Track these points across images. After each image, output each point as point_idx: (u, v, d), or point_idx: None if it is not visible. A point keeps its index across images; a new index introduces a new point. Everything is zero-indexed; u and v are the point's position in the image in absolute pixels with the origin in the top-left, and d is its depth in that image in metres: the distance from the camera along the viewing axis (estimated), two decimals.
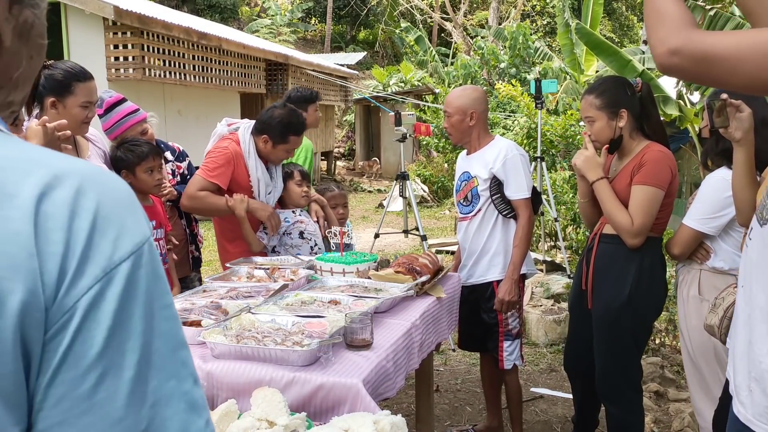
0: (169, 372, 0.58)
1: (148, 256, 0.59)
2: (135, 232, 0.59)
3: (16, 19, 0.64)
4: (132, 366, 0.55)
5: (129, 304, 0.56)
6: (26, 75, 0.68)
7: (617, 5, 26.09)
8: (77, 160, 0.61)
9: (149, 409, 0.56)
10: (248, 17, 24.65)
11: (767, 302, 1.30)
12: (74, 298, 0.54)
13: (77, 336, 0.53)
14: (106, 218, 0.57)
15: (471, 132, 3.18)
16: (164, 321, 0.59)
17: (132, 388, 0.55)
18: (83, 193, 0.56)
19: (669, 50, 1.19)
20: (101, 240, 0.56)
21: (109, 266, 0.55)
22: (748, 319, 1.36)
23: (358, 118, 18.32)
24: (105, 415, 0.54)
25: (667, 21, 1.21)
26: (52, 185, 0.55)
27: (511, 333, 3.20)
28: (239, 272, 2.79)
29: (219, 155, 3.09)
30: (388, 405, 3.20)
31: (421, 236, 5.01)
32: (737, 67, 1.14)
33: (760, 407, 1.32)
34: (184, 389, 0.59)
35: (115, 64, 9.07)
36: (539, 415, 3.74)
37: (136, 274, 0.57)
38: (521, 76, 16.61)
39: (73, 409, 0.53)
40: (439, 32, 26.51)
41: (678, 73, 1.23)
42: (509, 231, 3.16)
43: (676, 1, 1.23)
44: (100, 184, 0.58)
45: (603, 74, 8.58)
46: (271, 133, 3.12)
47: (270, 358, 1.83)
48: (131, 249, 0.57)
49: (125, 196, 0.60)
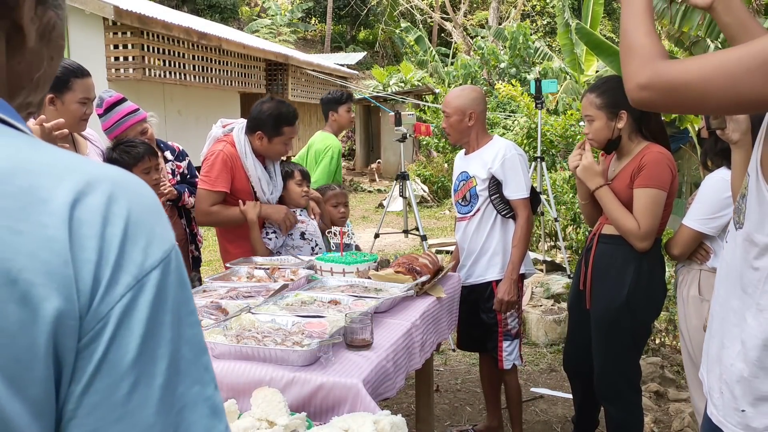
0: (194, 378, 0.58)
1: (176, 263, 0.59)
2: (163, 240, 0.59)
3: (40, 19, 0.64)
4: (162, 373, 0.56)
5: (159, 312, 0.56)
6: (46, 76, 0.68)
7: (617, 5, 26.07)
8: (107, 165, 0.61)
9: (176, 415, 0.56)
10: (248, 17, 24.65)
11: (740, 305, 1.32)
12: (108, 305, 0.54)
13: (112, 344, 0.54)
14: (136, 225, 0.57)
15: (470, 132, 3.18)
16: (189, 327, 0.59)
17: (162, 395, 0.55)
18: (115, 199, 0.56)
19: (638, 85, 1.22)
20: (133, 248, 0.56)
21: (140, 274, 0.55)
22: (722, 322, 1.38)
23: (358, 118, 18.31)
24: (137, 421, 0.54)
25: (636, 55, 1.24)
26: (84, 191, 0.55)
27: (510, 333, 3.20)
28: (239, 272, 2.79)
29: (214, 160, 3.08)
30: (388, 405, 3.20)
31: (421, 236, 5.01)
32: (705, 91, 1.16)
33: (730, 409, 1.34)
34: (207, 394, 0.60)
35: (115, 64, 9.07)
36: (539, 415, 3.74)
37: (166, 281, 0.57)
38: (521, 76, 16.61)
39: (107, 417, 0.53)
40: (439, 32, 26.52)
41: (650, 106, 1.26)
42: (508, 231, 3.16)
43: (647, 33, 1.25)
44: (130, 190, 0.58)
45: (603, 74, 8.58)
46: (264, 128, 3.10)
47: (270, 358, 1.83)
48: (161, 256, 0.58)
49: (153, 203, 0.60)
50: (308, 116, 15.70)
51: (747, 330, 1.30)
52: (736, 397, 1.32)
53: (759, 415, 1.29)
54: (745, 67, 1.13)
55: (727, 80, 1.14)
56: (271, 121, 3.10)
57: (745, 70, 1.13)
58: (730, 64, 1.14)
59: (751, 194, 1.29)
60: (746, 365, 1.30)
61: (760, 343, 1.27)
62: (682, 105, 1.22)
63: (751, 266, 1.28)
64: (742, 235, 1.32)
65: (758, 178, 1.26)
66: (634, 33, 1.27)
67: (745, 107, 1.17)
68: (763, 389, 1.28)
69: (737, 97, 1.14)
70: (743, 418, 1.31)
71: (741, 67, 1.13)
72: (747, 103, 1.15)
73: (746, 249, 1.30)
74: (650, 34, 1.25)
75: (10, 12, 0.61)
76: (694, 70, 1.17)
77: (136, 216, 0.57)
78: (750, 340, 1.29)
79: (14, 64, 0.63)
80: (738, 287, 1.33)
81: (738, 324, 1.32)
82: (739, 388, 1.32)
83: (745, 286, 1.31)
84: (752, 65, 1.12)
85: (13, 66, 0.64)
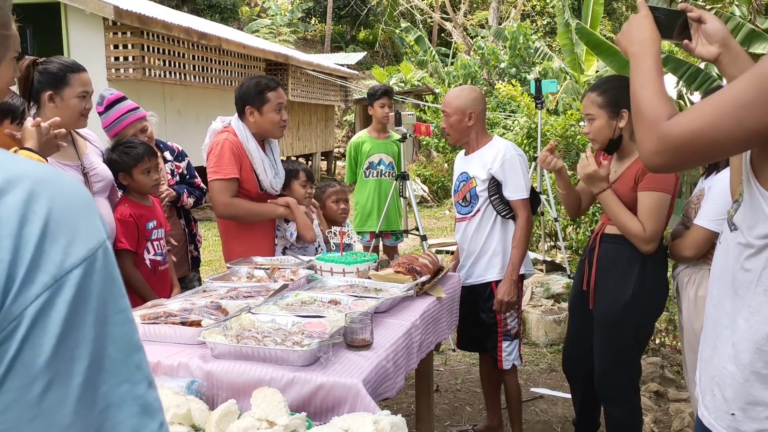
0: (121, 376, 0.58)
1: (102, 261, 0.58)
2: (88, 237, 0.58)
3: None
4: (81, 373, 0.55)
5: (79, 312, 0.55)
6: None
7: (617, 5, 26.08)
8: (30, 162, 0.60)
9: (99, 414, 0.56)
10: (248, 17, 24.65)
11: (732, 308, 1.32)
12: (21, 306, 0.53)
13: (24, 344, 0.53)
14: (57, 224, 0.56)
15: (469, 132, 3.18)
16: (118, 326, 0.58)
17: (80, 395, 0.55)
18: (35, 197, 0.55)
19: (650, 152, 1.24)
20: (51, 247, 0.55)
21: (59, 274, 0.54)
22: (715, 324, 1.38)
23: (358, 118, 18.31)
24: (53, 421, 0.54)
25: (643, 120, 1.27)
26: (3, 190, 0.54)
27: (509, 333, 3.20)
28: (239, 272, 2.79)
29: (220, 150, 3.06)
30: (388, 405, 3.20)
31: (421, 236, 5.01)
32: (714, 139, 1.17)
33: (720, 411, 1.34)
34: (137, 393, 0.59)
35: (115, 64, 9.06)
36: (539, 415, 3.74)
37: (89, 280, 0.56)
38: (521, 76, 16.60)
39: (21, 416, 0.53)
40: (439, 32, 26.51)
41: (667, 168, 1.29)
42: (508, 231, 3.16)
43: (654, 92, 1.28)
44: (53, 187, 0.57)
45: (603, 74, 8.58)
46: (249, 101, 3.11)
47: (270, 358, 1.83)
48: (84, 255, 0.56)
49: (80, 200, 0.59)
50: (308, 116, 15.69)
51: (738, 332, 1.29)
52: (727, 399, 1.32)
53: (748, 419, 1.29)
54: (743, 104, 1.14)
55: (730, 122, 1.15)
56: (252, 92, 3.10)
57: (743, 107, 1.14)
58: (728, 106, 1.16)
59: (744, 196, 1.30)
60: (738, 368, 1.29)
61: (752, 346, 1.27)
62: (697, 158, 1.24)
63: (743, 268, 1.29)
64: (734, 237, 1.33)
65: (750, 181, 1.26)
66: (641, 92, 1.30)
67: (758, 140, 1.17)
68: (753, 393, 1.27)
69: (746, 134, 1.15)
70: (733, 421, 1.31)
71: (739, 105, 1.14)
72: (758, 136, 1.16)
73: (738, 251, 1.30)
74: (657, 94, 1.28)
75: None
76: (695, 123, 1.18)
77: (58, 214, 0.56)
78: (741, 342, 1.29)
79: None
80: (730, 289, 1.33)
81: (730, 326, 1.32)
82: (730, 391, 1.31)
83: (737, 288, 1.31)
84: (749, 100, 1.14)
85: None
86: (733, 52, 1.44)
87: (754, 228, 1.26)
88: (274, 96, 3.12)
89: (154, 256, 2.94)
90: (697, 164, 1.33)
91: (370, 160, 5.16)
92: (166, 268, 3.02)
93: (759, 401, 1.27)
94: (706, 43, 1.47)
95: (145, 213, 2.91)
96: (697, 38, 1.49)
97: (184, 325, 2.03)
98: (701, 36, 1.48)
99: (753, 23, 5.55)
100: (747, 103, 1.14)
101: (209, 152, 3.13)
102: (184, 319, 2.07)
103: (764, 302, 1.25)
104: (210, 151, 3.13)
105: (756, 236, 1.25)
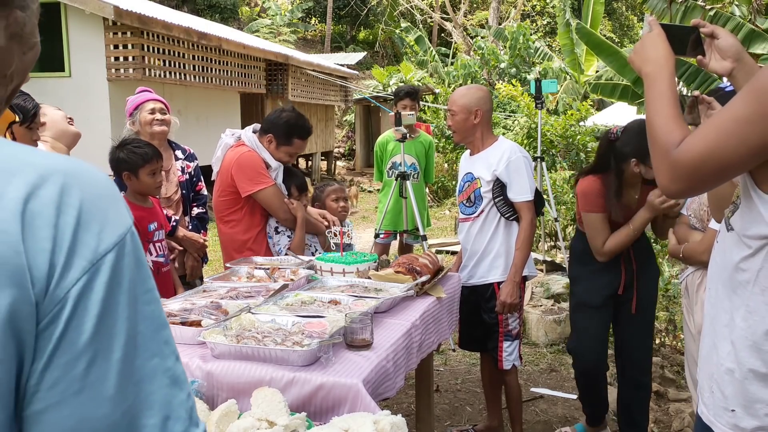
0: (152, 351, 0.63)
1: (131, 245, 0.63)
2: (117, 224, 0.62)
3: (6, 20, 0.69)
4: (120, 348, 0.60)
5: (115, 292, 0.60)
6: (19, 70, 0.73)
7: (617, 5, 26.08)
8: (60, 157, 0.64)
9: (135, 386, 0.61)
10: (248, 17, 24.64)
11: (730, 306, 1.34)
12: (64, 289, 0.57)
13: (69, 324, 0.57)
14: (89, 213, 0.60)
15: (475, 131, 3.18)
16: (147, 305, 0.63)
17: (120, 368, 0.60)
18: (67, 190, 0.60)
19: (666, 182, 1.27)
20: (86, 234, 0.59)
21: (95, 258, 0.59)
22: (713, 322, 1.40)
23: (358, 118, 18.31)
24: (97, 393, 0.58)
25: (657, 148, 1.28)
26: (38, 185, 0.58)
27: (510, 333, 3.20)
28: (239, 272, 2.79)
29: (253, 162, 3.07)
30: (388, 405, 3.19)
31: (422, 236, 5.00)
32: (721, 160, 1.19)
33: (720, 408, 1.36)
34: (167, 366, 0.64)
35: (115, 64, 9.06)
36: (539, 415, 3.74)
37: (120, 263, 0.61)
38: (521, 76, 16.60)
39: (68, 390, 0.58)
40: (439, 32, 26.50)
41: (685, 194, 1.35)
42: (511, 233, 3.15)
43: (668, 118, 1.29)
44: (82, 180, 0.62)
45: (603, 74, 8.58)
46: (276, 132, 3.12)
47: (270, 358, 1.83)
48: (115, 240, 0.61)
49: (107, 189, 0.64)
50: (308, 116, 15.47)
51: (736, 331, 1.31)
52: (726, 396, 1.34)
53: (748, 415, 1.30)
54: (744, 120, 1.16)
55: (734, 140, 1.16)
56: (285, 128, 3.12)
57: (745, 123, 1.15)
58: (729, 124, 1.17)
59: (741, 198, 1.31)
60: (736, 366, 1.31)
61: (749, 344, 1.29)
62: (711, 179, 1.25)
63: (740, 268, 1.30)
64: (731, 237, 1.34)
65: (747, 183, 1.27)
66: (655, 120, 1.30)
67: (765, 154, 1.18)
68: (752, 390, 1.29)
69: (751, 150, 1.16)
70: (733, 417, 1.33)
71: (740, 122, 1.16)
72: (765, 150, 1.17)
73: (735, 251, 1.32)
74: (670, 120, 1.28)
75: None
76: (700, 146, 1.20)
77: (89, 204, 0.61)
78: (740, 341, 1.30)
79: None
80: (728, 288, 1.34)
81: (728, 324, 1.34)
82: (729, 388, 1.33)
83: (734, 287, 1.32)
84: (748, 116, 1.15)
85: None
86: (747, 66, 1.45)
87: (750, 229, 1.27)
88: (298, 144, 3.18)
89: (157, 258, 2.94)
90: (714, 185, 1.34)
91: (393, 160, 5.24)
92: (168, 269, 3.02)
93: (758, 399, 1.29)
94: (720, 58, 1.47)
95: (146, 215, 2.91)
96: (711, 53, 1.49)
97: (184, 325, 2.03)
98: (714, 51, 1.48)
99: (753, 23, 5.55)
100: (747, 119, 1.15)
101: (239, 166, 3.08)
102: (184, 319, 2.07)
103: (761, 302, 1.27)
104: (241, 166, 3.07)
105: (752, 237, 1.27)
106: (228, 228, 3.20)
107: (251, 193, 3.07)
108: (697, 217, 2.73)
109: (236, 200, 3.10)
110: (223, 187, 3.13)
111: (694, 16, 5.17)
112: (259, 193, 3.07)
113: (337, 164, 18.17)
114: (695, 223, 2.73)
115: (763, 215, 1.23)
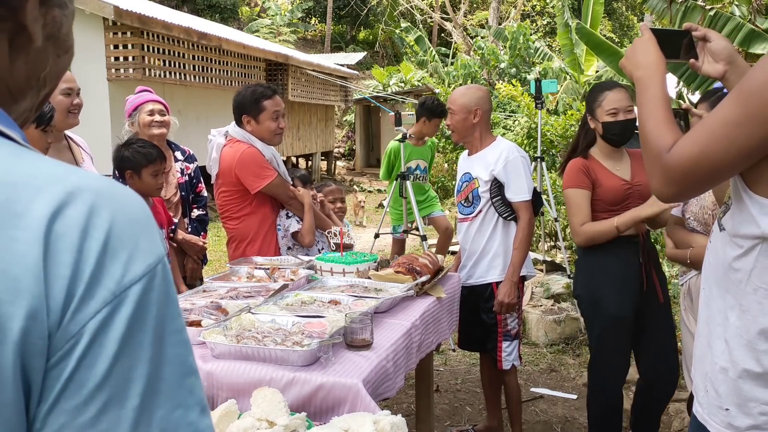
0: (176, 401, 0.55)
1: (161, 278, 0.56)
2: (148, 253, 0.56)
3: (44, 18, 0.64)
4: (137, 395, 0.52)
5: (138, 329, 0.53)
6: (53, 73, 0.68)
7: (617, 5, 26.08)
8: (92, 174, 0.58)
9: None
10: (248, 17, 24.64)
11: (723, 305, 1.34)
12: (80, 323, 0.51)
13: (81, 363, 0.51)
14: (118, 238, 0.54)
15: (474, 131, 3.18)
16: (174, 347, 0.56)
17: (137, 418, 0.52)
18: (97, 210, 0.53)
19: (659, 186, 1.28)
20: (112, 261, 0.53)
21: (119, 289, 0.53)
22: (708, 321, 1.41)
23: (358, 118, 18.32)
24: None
25: (649, 154, 1.29)
26: (65, 203, 0.53)
27: (510, 333, 3.20)
28: (239, 272, 2.79)
29: (253, 157, 3.06)
30: (388, 405, 3.20)
31: (421, 236, 5.00)
32: (713, 163, 1.20)
33: (714, 407, 1.36)
34: (191, 419, 0.57)
35: (115, 64, 9.06)
36: (539, 415, 3.74)
37: (147, 297, 0.54)
38: (521, 76, 16.60)
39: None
40: (439, 32, 26.50)
41: (679, 198, 1.33)
42: (509, 233, 3.16)
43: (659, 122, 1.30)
44: (115, 200, 0.56)
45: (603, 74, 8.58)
46: (246, 110, 3.10)
47: (270, 358, 1.83)
48: (143, 271, 0.54)
49: (140, 214, 0.57)
50: (308, 116, 15.69)
51: (730, 330, 1.32)
52: (720, 395, 1.35)
53: (742, 414, 1.31)
54: (732, 123, 1.17)
55: (724, 143, 1.17)
56: (248, 101, 3.10)
57: (733, 125, 1.17)
58: (718, 127, 1.18)
59: (733, 199, 1.32)
60: (730, 365, 1.32)
61: (744, 343, 1.29)
62: (703, 182, 1.26)
63: (732, 268, 1.31)
64: (723, 237, 1.35)
65: (737, 181, 1.28)
66: (647, 125, 1.31)
67: (756, 155, 1.19)
68: (746, 389, 1.30)
69: (741, 151, 1.17)
70: (727, 416, 1.33)
71: (728, 125, 1.17)
72: (755, 151, 1.18)
73: (728, 251, 1.33)
74: (661, 124, 1.29)
75: (13, 14, 0.60)
76: (691, 150, 1.21)
77: (119, 228, 0.54)
78: (734, 339, 1.31)
79: (20, 64, 0.63)
80: (722, 288, 1.35)
81: (722, 323, 1.35)
82: (723, 387, 1.34)
83: (728, 286, 1.33)
84: (736, 118, 1.16)
85: (20, 66, 0.63)
86: (740, 68, 1.45)
87: (741, 229, 1.28)
88: (271, 104, 3.10)
89: None
90: (707, 188, 1.35)
91: (408, 165, 5.36)
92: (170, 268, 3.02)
93: (751, 397, 1.29)
94: (712, 61, 1.48)
95: None
96: (703, 56, 1.49)
97: None
98: (707, 54, 1.49)
99: (753, 23, 5.55)
100: (736, 121, 1.16)
101: (242, 163, 3.06)
102: (184, 319, 2.07)
103: (754, 301, 1.27)
104: (244, 162, 3.06)
105: (744, 237, 1.28)
106: (238, 224, 3.17)
107: (260, 189, 3.07)
108: (698, 220, 2.69)
109: (244, 197, 3.10)
110: (228, 187, 3.12)
111: (694, 16, 5.17)
112: (265, 187, 3.09)
113: (337, 164, 18.17)
114: (696, 226, 2.68)
115: (754, 215, 1.24)
